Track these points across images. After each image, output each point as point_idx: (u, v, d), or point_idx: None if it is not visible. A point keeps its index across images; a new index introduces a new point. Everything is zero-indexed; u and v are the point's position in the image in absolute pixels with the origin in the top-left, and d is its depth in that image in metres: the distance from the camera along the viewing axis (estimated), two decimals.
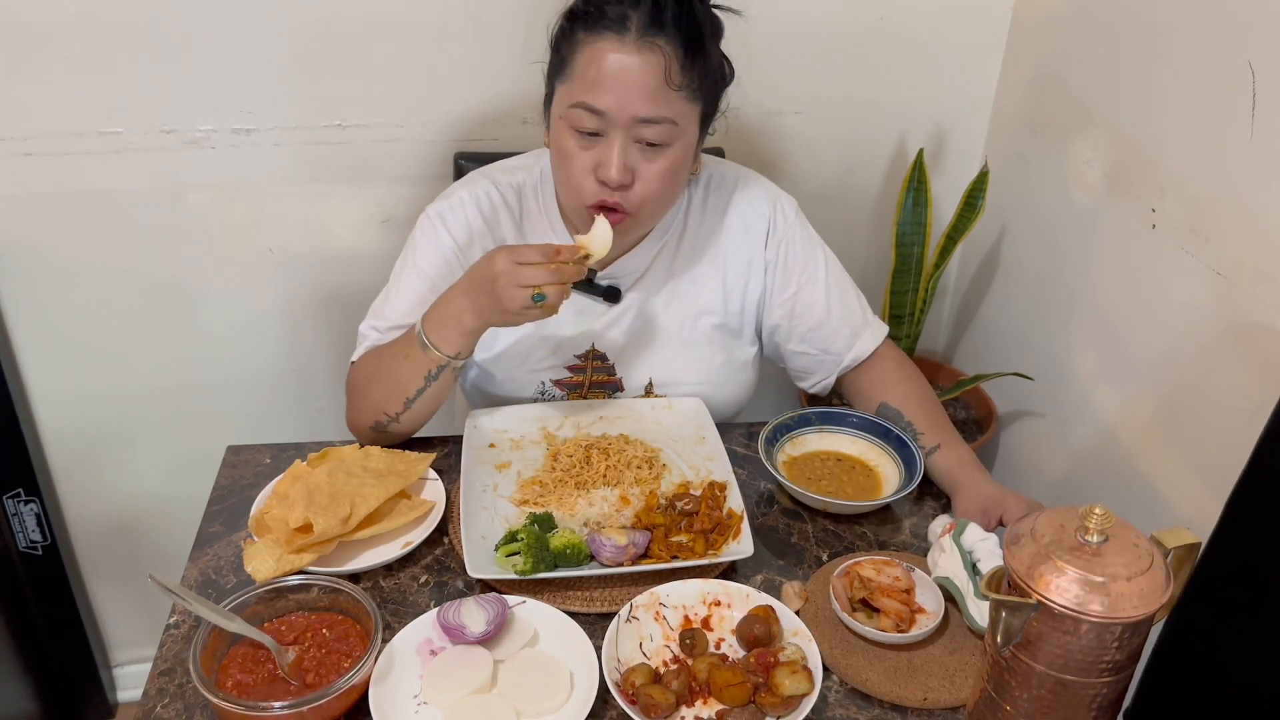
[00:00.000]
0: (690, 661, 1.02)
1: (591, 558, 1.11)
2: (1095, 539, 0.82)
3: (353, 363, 1.33)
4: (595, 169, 1.18)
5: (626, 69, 1.13)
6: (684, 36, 1.14)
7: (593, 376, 1.37)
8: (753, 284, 1.37)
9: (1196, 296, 1.33)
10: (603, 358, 1.36)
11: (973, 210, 1.69)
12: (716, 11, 1.20)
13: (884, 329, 1.40)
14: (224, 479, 1.28)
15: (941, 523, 1.17)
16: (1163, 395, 1.41)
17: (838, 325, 1.37)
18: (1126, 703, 0.93)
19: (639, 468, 1.25)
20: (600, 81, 1.13)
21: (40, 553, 1.81)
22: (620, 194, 1.18)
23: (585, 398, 1.37)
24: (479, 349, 1.33)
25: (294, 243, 1.72)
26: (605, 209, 1.19)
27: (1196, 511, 1.33)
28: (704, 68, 1.17)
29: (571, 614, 1.05)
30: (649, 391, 1.38)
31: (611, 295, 1.33)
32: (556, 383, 1.36)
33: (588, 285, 1.30)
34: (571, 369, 1.36)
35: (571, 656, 1.01)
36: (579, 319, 1.34)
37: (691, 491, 1.21)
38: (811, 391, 1.44)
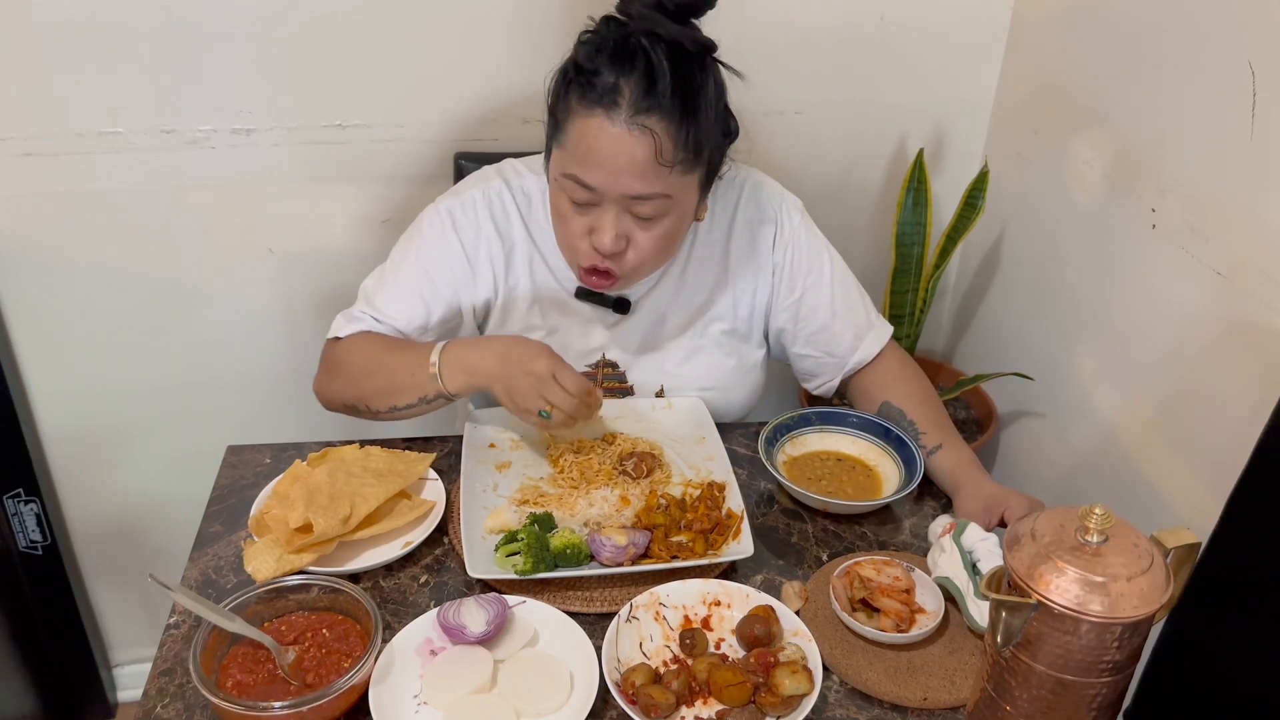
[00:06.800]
0: (690, 661, 1.02)
1: (591, 558, 1.11)
2: (1095, 539, 0.82)
3: (338, 338, 1.30)
4: (589, 234, 1.18)
5: (617, 151, 1.11)
6: (678, 110, 1.10)
7: (603, 383, 1.37)
8: (760, 288, 1.37)
9: (1196, 296, 1.33)
10: (613, 365, 1.36)
11: (973, 210, 1.69)
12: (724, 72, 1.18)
13: (888, 330, 1.41)
14: (224, 479, 1.28)
15: (941, 523, 1.17)
16: (1163, 395, 1.41)
17: (842, 329, 1.37)
18: (1126, 703, 0.93)
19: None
20: (590, 159, 1.12)
21: (40, 553, 1.81)
22: (613, 260, 1.19)
23: None
24: None
25: (294, 243, 1.71)
26: (597, 272, 1.21)
27: (1196, 511, 1.33)
28: (700, 138, 1.14)
29: (571, 614, 1.05)
30: (659, 396, 1.38)
31: (620, 306, 1.33)
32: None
33: (598, 296, 1.31)
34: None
35: (571, 656, 1.01)
36: (589, 328, 1.35)
37: (637, 450, 1.25)
38: (816, 393, 1.44)
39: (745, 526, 1.14)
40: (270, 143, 1.62)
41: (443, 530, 1.19)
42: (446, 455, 1.32)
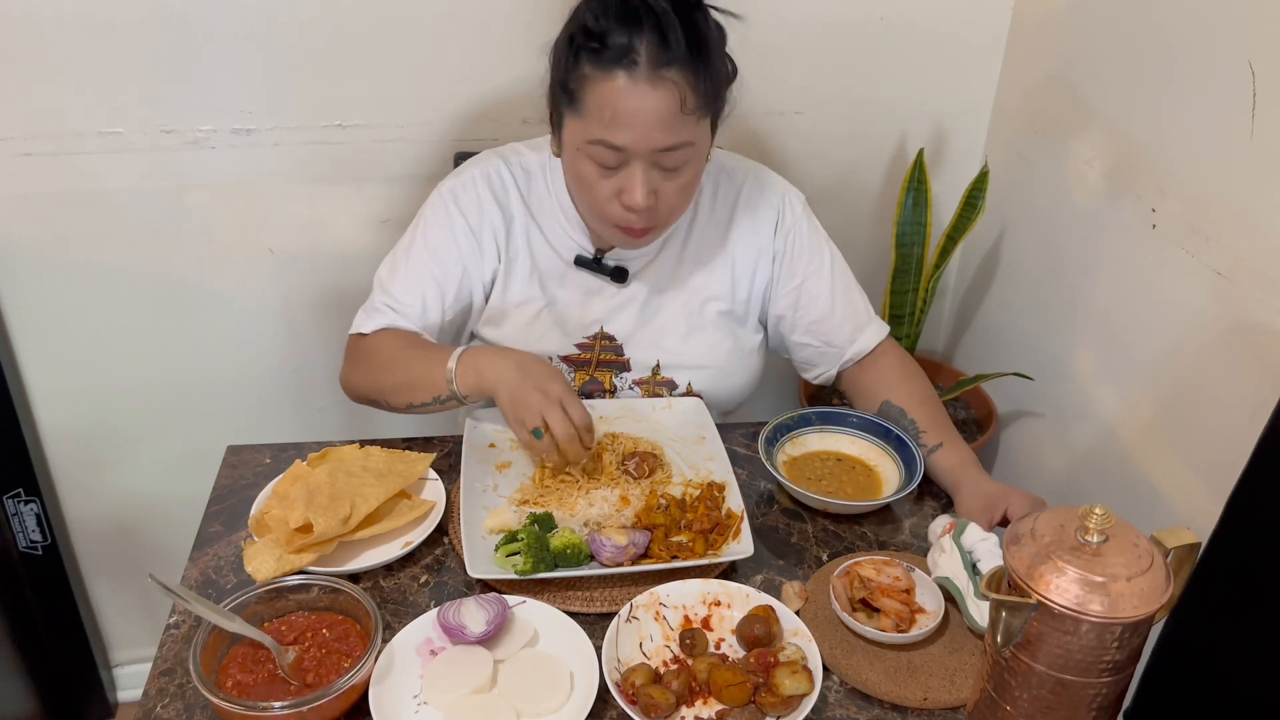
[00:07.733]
0: (690, 661, 1.02)
1: (591, 558, 1.11)
2: (1095, 539, 0.82)
3: (363, 333, 1.32)
4: (619, 195, 1.20)
5: (642, 108, 1.12)
6: (693, 59, 1.13)
7: (600, 355, 1.38)
8: (760, 273, 1.39)
9: (1196, 296, 1.33)
10: (611, 338, 1.38)
11: (973, 210, 1.69)
12: (718, 16, 1.20)
13: (885, 328, 1.42)
14: (224, 479, 1.28)
15: (941, 523, 1.17)
16: (1163, 395, 1.41)
17: (841, 319, 1.39)
18: (1126, 703, 0.93)
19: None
20: (617, 121, 1.14)
21: (40, 553, 1.81)
22: (645, 215, 1.21)
23: (593, 376, 1.38)
24: (488, 326, 1.37)
25: (294, 243, 1.72)
26: (631, 230, 1.23)
27: (1196, 511, 1.33)
28: (715, 80, 1.17)
29: (571, 614, 1.05)
30: (656, 373, 1.39)
31: (618, 275, 1.35)
32: (565, 358, 1.37)
33: (595, 265, 1.34)
34: (580, 346, 1.38)
35: (571, 656, 1.01)
36: (587, 299, 1.36)
37: (639, 450, 1.26)
38: (815, 382, 1.45)
39: (745, 526, 1.14)
40: (270, 143, 1.62)
41: (443, 530, 1.19)
42: (446, 455, 1.32)
